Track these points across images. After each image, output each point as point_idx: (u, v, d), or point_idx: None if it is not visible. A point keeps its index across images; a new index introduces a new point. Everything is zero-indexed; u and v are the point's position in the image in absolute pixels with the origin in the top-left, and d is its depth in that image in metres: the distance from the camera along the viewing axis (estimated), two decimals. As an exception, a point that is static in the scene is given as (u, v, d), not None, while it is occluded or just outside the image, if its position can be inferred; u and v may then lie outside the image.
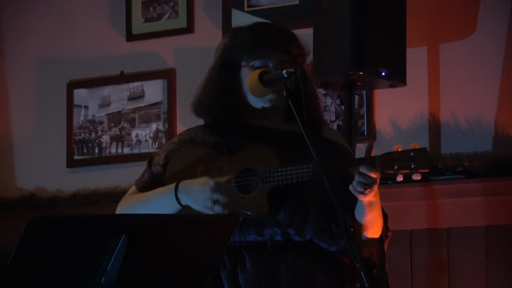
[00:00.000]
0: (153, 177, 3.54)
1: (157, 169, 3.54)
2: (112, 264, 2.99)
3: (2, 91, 6.02)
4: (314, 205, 3.45)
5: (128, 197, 3.56)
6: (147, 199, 3.49)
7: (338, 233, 3.45)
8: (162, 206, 3.40)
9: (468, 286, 4.82)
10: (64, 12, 5.91)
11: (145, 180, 3.56)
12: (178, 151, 3.53)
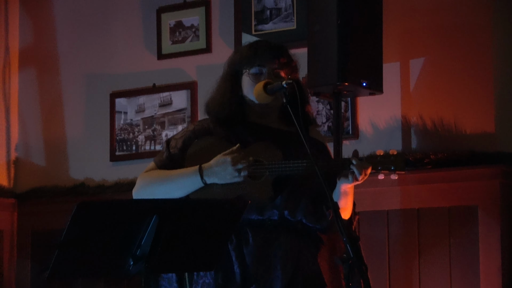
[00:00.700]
0: (171, 157, 3.49)
1: (175, 152, 3.50)
2: (145, 239, 3.02)
3: (58, 101, 6.03)
4: (305, 194, 3.50)
5: (150, 172, 3.51)
6: (173, 177, 3.44)
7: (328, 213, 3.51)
8: (186, 185, 3.40)
9: (434, 256, 4.81)
10: (107, 36, 5.93)
11: (163, 159, 3.50)
12: (197, 141, 3.50)
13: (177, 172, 3.45)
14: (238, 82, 3.53)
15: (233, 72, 3.55)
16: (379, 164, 3.47)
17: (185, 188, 3.41)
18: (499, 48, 4.90)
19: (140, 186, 3.50)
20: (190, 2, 5.61)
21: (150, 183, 3.49)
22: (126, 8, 5.84)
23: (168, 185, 3.45)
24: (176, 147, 3.50)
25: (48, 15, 6.10)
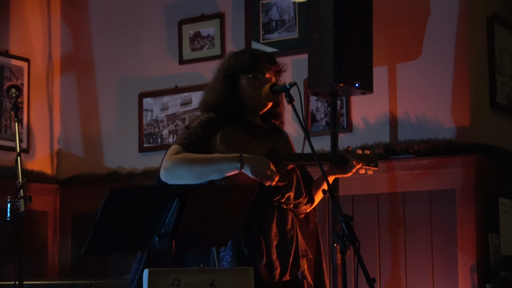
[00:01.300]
0: (194, 142, 3.44)
1: (196, 135, 3.45)
2: (168, 219, 3.04)
3: (94, 100, 6.04)
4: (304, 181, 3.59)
5: (184, 154, 3.42)
6: (212, 161, 3.38)
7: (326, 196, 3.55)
8: (223, 169, 3.35)
9: (418, 233, 4.82)
10: (136, 45, 5.94)
11: (189, 144, 3.43)
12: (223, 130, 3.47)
13: (216, 156, 3.40)
14: (234, 83, 3.55)
15: (230, 75, 3.56)
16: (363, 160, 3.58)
17: (222, 171, 3.37)
18: (473, 55, 4.91)
19: (176, 165, 3.40)
20: (207, 15, 5.61)
21: (188, 163, 3.40)
22: (152, 21, 5.85)
23: (207, 167, 3.39)
24: (197, 134, 3.45)
25: (85, 26, 6.11)
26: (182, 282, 2.90)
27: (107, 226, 2.98)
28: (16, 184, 4.13)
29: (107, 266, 5.71)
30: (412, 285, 4.79)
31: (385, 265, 4.88)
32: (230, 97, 3.53)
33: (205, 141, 3.46)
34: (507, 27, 5.28)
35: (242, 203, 3.22)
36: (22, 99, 5.87)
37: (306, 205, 3.59)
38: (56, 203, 6.04)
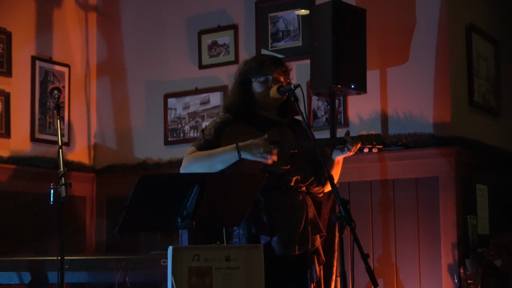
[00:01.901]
0: (207, 142, 3.50)
1: (210, 138, 3.51)
2: (189, 203, 3.06)
3: (125, 100, 6.04)
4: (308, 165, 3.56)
5: (195, 153, 3.49)
6: (214, 154, 3.44)
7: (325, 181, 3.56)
8: (226, 159, 3.39)
9: (405, 215, 4.81)
10: (161, 52, 5.92)
11: (202, 144, 3.51)
12: (228, 128, 3.53)
13: (218, 150, 3.45)
14: (248, 87, 3.57)
15: (244, 80, 3.60)
16: (365, 140, 3.51)
17: (225, 161, 3.41)
18: (453, 60, 4.89)
19: (190, 163, 3.48)
20: (222, 26, 5.60)
21: (197, 160, 3.46)
22: (175, 31, 5.84)
23: (211, 160, 3.43)
24: (210, 135, 3.53)
25: (117, 36, 6.11)
26: (202, 257, 2.91)
27: (136, 209, 3.00)
28: (58, 173, 4.13)
29: (137, 244, 5.72)
30: (400, 260, 4.78)
31: (377, 243, 4.86)
32: (244, 98, 3.57)
33: (216, 140, 3.50)
34: (483, 35, 5.26)
35: (253, 188, 3.24)
36: (64, 99, 5.89)
37: (317, 187, 3.59)
38: (93, 189, 6.06)
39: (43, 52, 5.79)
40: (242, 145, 3.37)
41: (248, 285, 2.95)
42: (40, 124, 5.70)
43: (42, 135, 5.71)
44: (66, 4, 6.01)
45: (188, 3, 5.80)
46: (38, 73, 5.72)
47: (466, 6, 5.12)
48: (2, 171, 5.35)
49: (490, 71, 5.37)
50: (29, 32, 5.70)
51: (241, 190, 3.20)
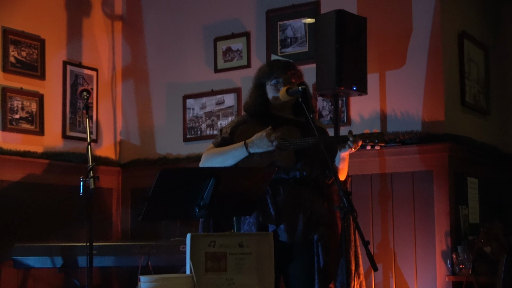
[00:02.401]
0: (224, 140, 3.55)
1: (226, 136, 3.55)
2: (206, 194, 3.06)
3: (148, 101, 6.03)
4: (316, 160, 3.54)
5: (211, 150, 3.55)
6: (226, 151, 3.48)
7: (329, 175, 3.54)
8: (236, 155, 3.44)
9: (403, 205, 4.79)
10: (181, 57, 5.90)
11: (218, 142, 3.56)
12: (241, 126, 3.56)
13: (229, 147, 3.50)
14: (263, 90, 3.60)
15: (259, 84, 3.64)
16: (367, 138, 3.48)
17: (235, 157, 3.45)
18: (447, 64, 4.86)
19: (206, 159, 3.53)
20: (236, 33, 5.59)
21: (212, 156, 3.51)
22: (193, 38, 5.83)
23: (224, 156, 3.47)
24: (226, 133, 3.58)
25: (141, 43, 6.11)
26: (217, 244, 2.92)
27: (158, 199, 3.00)
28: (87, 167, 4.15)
29: (159, 231, 5.72)
30: (398, 246, 4.76)
31: (377, 231, 4.84)
32: (259, 100, 3.61)
33: (232, 138, 3.54)
34: (474, 42, 5.24)
35: (264, 181, 3.24)
36: (92, 100, 5.89)
37: (325, 179, 3.57)
38: (118, 181, 6.06)
39: (73, 57, 5.79)
40: (249, 141, 3.41)
41: (259, 269, 2.95)
42: (71, 123, 5.71)
43: (73, 133, 5.72)
44: (94, 14, 6.02)
45: (205, 12, 5.79)
46: (69, 77, 5.73)
47: (459, 15, 5.10)
48: (37, 165, 5.36)
49: (480, 74, 5.35)
50: (61, 39, 5.71)
51: (253, 182, 3.20)
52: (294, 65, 3.63)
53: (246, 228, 3.46)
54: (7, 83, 5.26)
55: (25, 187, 5.26)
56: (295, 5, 5.32)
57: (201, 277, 2.85)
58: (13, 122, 5.25)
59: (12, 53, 5.29)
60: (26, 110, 5.36)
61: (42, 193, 5.38)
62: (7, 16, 5.31)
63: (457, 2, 5.10)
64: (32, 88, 5.43)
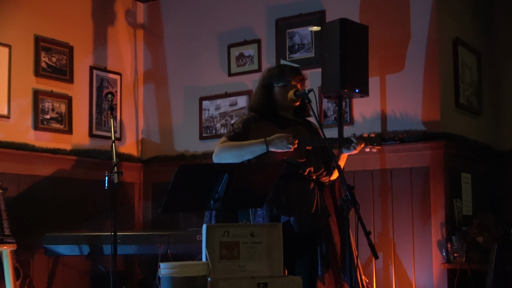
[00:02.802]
0: (236, 134, 3.53)
1: (239, 130, 3.54)
2: (220, 188, 3.06)
3: (167, 102, 6.04)
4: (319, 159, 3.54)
5: (227, 143, 3.51)
6: (245, 145, 3.46)
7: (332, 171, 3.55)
8: (254, 151, 3.42)
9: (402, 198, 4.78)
10: (197, 62, 5.91)
11: (231, 135, 3.53)
12: (254, 126, 3.55)
13: (248, 142, 3.47)
14: (270, 90, 3.59)
15: (266, 84, 3.63)
16: (367, 141, 3.50)
17: (253, 152, 3.44)
18: (442, 68, 4.84)
19: (223, 151, 3.49)
20: (248, 40, 5.58)
21: (230, 149, 3.47)
22: (208, 45, 5.84)
23: (242, 150, 3.45)
24: (239, 128, 3.57)
25: (161, 50, 6.13)
26: (231, 233, 2.92)
27: (177, 193, 3.01)
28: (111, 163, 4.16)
29: (177, 222, 5.74)
30: (397, 236, 4.75)
31: (377, 222, 4.83)
32: (266, 100, 3.61)
33: (244, 133, 3.52)
34: (467, 48, 5.22)
35: (274, 175, 3.25)
36: (116, 101, 5.92)
37: (325, 176, 3.59)
38: (140, 176, 6.08)
39: (99, 63, 5.81)
40: (269, 139, 3.40)
41: (269, 257, 2.96)
42: (96, 123, 5.73)
43: (98, 132, 5.74)
44: (118, 23, 6.03)
45: (219, 21, 5.80)
46: (95, 80, 5.75)
47: (453, 23, 5.07)
48: (66, 161, 5.39)
49: (473, 77, 5.33)
50: (88, 46, 5.73)
51: (263, 177, 3.20)
52: (301, 71, 3.66)
53: (258, 220, 3.47)
54: (39, 87, 5.28)
55: (55, 181, 5.29)
56: (302, 14, 5.32)
57: (216, 264, 2.86)
58: (44, 122, 5.28)
59: (43, 59, 5.32)
60: (56, 111, 5.38)
61: (70, 187, 5.41)
62: (39, 25, 5.33)
63: (452, 11, 5.07)
64: (61, 91, 5.46)
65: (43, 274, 5.16)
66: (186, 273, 2.68)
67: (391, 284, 4.74)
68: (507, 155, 5.44)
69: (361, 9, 5.06)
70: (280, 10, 5.44)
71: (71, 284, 5.36)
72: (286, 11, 5.40)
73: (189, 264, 2.72)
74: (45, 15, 5.40)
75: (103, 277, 5.39)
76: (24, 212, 5.02)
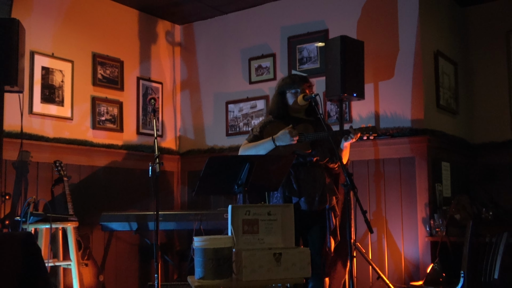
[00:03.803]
0: (255, 137, 3.54)
1: (257, 133, 3.55)
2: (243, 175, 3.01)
3: (199, 106, 6.04)
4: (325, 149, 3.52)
5: (246, 144, 3.55)
6: (259, 144, 3.48)
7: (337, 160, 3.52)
8: (265, 147, 3.44)
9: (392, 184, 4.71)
10: (224, 73, 5.89)
11: (251, 138, 3.55)
12: (268, 126, 3.54)
13: (260, 141, 3.50)
14: (284, 96, 3.59)
15: (281, 92, 3.63)
16: (364, 131, 3.47)
17: (265, 149, 3.45)
18: (425, 75, 4.78)
19: (243, 151, 3.53)
20: (265, 54, 5.55)
21: (248, 149, 3.51)
22: (233, 58, 5.82)
23: (257, 148, 3.47)
24: (257, 131, 3.60)
25: (194, 63, 6.13)
26: (251, 212, 2.91)
27: (207, 179, 3.00)
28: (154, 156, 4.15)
29: (208, 203, 5.74)
30: (388, 214, 4.71)
31: (372, 202, 4.79)
32: (281, 105, 3.61)
33: (260, 136, 3.55)
34: (446, 59, 5.16)
35: (286, 165, 3.23)
36: (158, 105, 5.92)
37: (332, 164, 3.56)
38: (178, 166, 6.08)
39: (144, 74, 5.82)
40: (275, 136, 3.42)
41: (283, 231, 2.94)
42: (142, 123, 5.74)
43: (144, 130, 5.75)
44: (160, 42, 6.04)
45: (242, 39, 5.77)
46: (141, 88, 5.75)
47: (434, 38, 5.01)
48: (118, 154, 5.40)
49: (451, 83, 5.26)
50: (135, 61, 5.74)
51: (278, 166, 3.19)
52: (308, 79, 3.65)
53: (274, 201, 3.46)
54: (96, 94, 5.30)
55: (109, 171, 5.31)
56: (309, 33, 5.28)
57: (239, 238, 2.86)
58: (100, 123, 5.30)
59: (99, 72, 5.33)
60: (110, 113, 5.40)
61: (121, 175, 5.43)
62: (96, 44, 5.35)
63: (433, 28, 5.01)
64: (114, 97, 5.47)
65: (100, 246, 5.19)
66: (215, 245, 2.69)
67: (384, 254, 4.70)
68: (479, 147, 5.39)
69: (358, 28, 5.02)
70: (291, 29, 5.41)
71: (122, 254, 5.38)
72: (296, 30, 5.37)
73: (217, 238, 2.72)
74: (101, 36, 5.42)
75: (148, 248, 5.42)
76: (84, 195, 5.05)
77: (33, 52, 4.79)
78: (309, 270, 2.76)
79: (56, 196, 4.74)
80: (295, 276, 2.74)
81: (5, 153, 4.18)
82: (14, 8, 4.51)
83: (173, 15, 5.94)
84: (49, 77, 4.89)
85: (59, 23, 5.06)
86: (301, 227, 3.38)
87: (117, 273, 5.29)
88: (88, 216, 5.00)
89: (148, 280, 5.45)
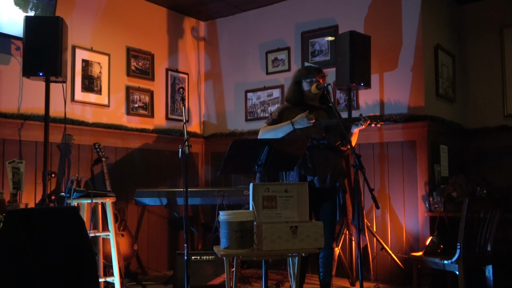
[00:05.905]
0: (274, 120, 3.52)
1: (276, 118, 3.52)
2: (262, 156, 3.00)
3: (222, 94, 6.01)
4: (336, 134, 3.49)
5: (266, 127, 3.52)
6: (278, 127, 3.45)
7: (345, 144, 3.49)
8: (284, 130, 3.43)
9: (396, 165, 4.67)
10: (244, 65, 5.85)
11: (270, 121, 3.53)
12: (286, 112, 3.52)
13: (279, 124, 3.47)
14: (300, 85, 3.56)
15: (297, 81, 3.59)
16: (372, 119, 3.44)
17: (284, 132, 3.43)
18: (426, 67, 4.72)
19: (263, 133, 3.51)
20: (281, 48, 5.50)
21: (268, 131, 3.49)
22: (252, 52, 5.78)
23: (276, 131, 3.45)
24: (276, 116, 3.58)
25: (217, 56, 6.10)
26: (270, 190, 2.90)
27: (230, 160, 2.99)
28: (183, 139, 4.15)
29: (230, 181, 5.75)
30: (392, 192, 4.68)
31: (377, 181, 4.76)
32: (297, 93, 3.58)
33: (279, 119, 3.52)
34: (445, 51, 5.08)
35: (301, 147, 3.20)
36: (185, 94, 5.91)
37: (343, 146, 3.54)
38: (203, 148, 6.09)
39: (172, 66, 5.80)
40: (293, 120, 3.40)
41: (298, 207, 2.93)
42: (171, 109, 5.74)
43: (173, 116, 5.75)
44: (186, 37, 6.01)
45: (260, 34, 5.72)
46: (169, 78, 5.75)
47: (434, 32, 4.94)
48: (150, 138, 5.42)
49: (449, 74, 5.19)
50: (164, 54, 5.72)
51: (294, 149, 3.17)
52: (322, 70, 3.62)
53: (291, 179, 3.46)
54: (130, 84, 5.31)
55: (142, 152, 5.33)
56: (321, 28, 5.22)
57: (260, 212, 2.85)
58: (134, 109, 5.31)
59: (133, 64, 5.33)
60: (142, 101, 5.40)
61: (153, 156, 5.44)
62: (130, 38, 5.35)
63: (433, 23, 4.93)
64: (145, 87, 5.47)
65: (134, 219, 5.23)
66: (238, 219, 2.70)
67: (387, 227, 4.68)
68: (473, 132, 5.32)
69: (365, 24, 4.95)
70: (305, 25, 5.35)
71: (154, 226, 5.43)
72: (309, 26, 5.31)
73: (241, 212, 2.72)
74: (134, 32, 5.40)
75: (176, 220, 5.45)
76: (120, 174, 5.08)
77: (75, 46, 4.80)
78: (322, 241, 2.76)
79: (96, 174, 4.78)
80: (310, 247, 2.74)
81: (50, 137, 4.27)
82: (58, 7, 4.52)
83: (198, 13, 5.92)
84: (88, 69, 4.91)
85: (97, 20, 5.05)
86: (314, 203, 3.37)
87: (149, 243, 5.34)
88: (123, 192, 5.04)
89: (176, 249, 5.49)
